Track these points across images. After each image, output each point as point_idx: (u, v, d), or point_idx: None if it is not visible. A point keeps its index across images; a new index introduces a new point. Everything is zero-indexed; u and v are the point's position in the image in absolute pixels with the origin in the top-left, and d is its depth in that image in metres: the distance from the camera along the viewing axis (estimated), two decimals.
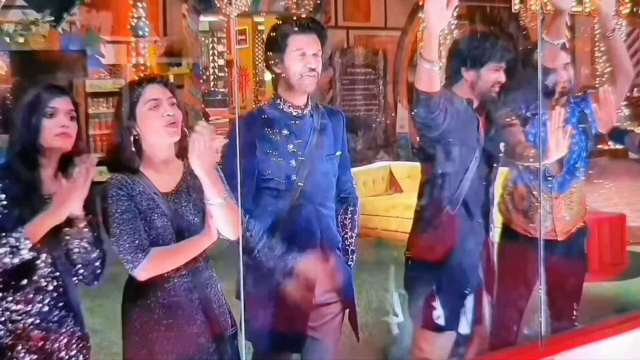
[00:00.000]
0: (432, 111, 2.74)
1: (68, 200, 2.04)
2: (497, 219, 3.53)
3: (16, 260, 2.01)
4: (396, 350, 3.63)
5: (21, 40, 8.41)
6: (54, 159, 2.18)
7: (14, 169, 2.12)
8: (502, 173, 3.63)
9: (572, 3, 3.16)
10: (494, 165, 3.11)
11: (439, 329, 3.06)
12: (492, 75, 2.98)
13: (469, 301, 3.05)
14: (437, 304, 3.02)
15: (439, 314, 3.02)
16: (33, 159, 2.15)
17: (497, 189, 3.62)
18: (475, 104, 3.03)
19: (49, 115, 2.14)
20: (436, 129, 2.83)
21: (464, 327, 3.06)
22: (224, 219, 2.24)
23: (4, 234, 2.00)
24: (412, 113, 2.83)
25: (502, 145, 3.11)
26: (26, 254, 2.01)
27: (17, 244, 1.99)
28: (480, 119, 3.04)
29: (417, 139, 3.08)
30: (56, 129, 2.14)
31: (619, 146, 3.51)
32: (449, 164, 2.98)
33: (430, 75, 2.65)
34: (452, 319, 3.03)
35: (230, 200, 2.26)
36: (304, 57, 2.57)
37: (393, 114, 11.62)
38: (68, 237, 2.14)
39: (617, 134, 3.28)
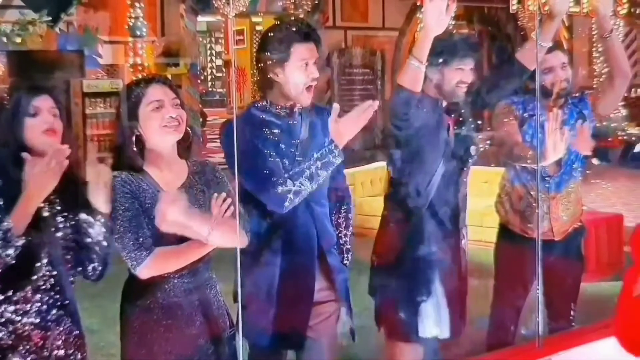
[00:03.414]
0: (409, 109, 2.76)
1: (38, 185, 2.01)
2: (489, 222, 3.54)
3: (11, 252, 1.99)
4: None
5: (18, 40, 8.40)
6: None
7: (3, 171, 2.12)
8: (499, 173, 3.64)
9: (568, 8, 3.13)
10: (464, 168, 3.08)
11: (406, 339, 3.03)
12: (455, 74, 2.95)
13: (430, 306, 3.01)
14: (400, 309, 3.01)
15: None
16: (21, 160, 2.14)
17: (494, 190, 3.64)
18: (444, 105, 3.01)
19: (32, 115, 2.13)
20: (407, 128, 2.84)
21: (427, 332, 3.03)
22: (222, 242, 2.25)
23: None
24: (390, 111, 2.84)
25: (473, 149, 3.08)
26: (17, 242, 1.99)
27: (6, 234, 1.98)
28: (449, 120, 3.02)
29: (383, 137, 3.07)
30: (42, 126, 2.13)
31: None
32: (415, 165, 2.97)
33: (417, 74, 2.69)
34: (410, 325, 3.01)
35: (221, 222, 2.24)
36: (307, 67, 2.57)
37: None
38: (87, 225, 2.14)
39: (601, 153, 3.24)
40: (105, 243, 2.18)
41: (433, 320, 3.03)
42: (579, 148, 3.25)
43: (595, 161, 3.18)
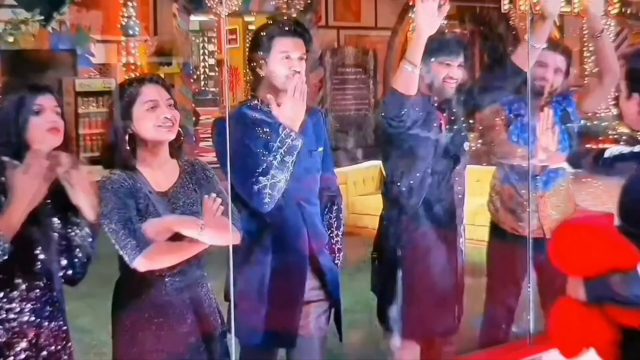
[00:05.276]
0: (402, 111, 2.76)
1: (25, 192, 2.01)
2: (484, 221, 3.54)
3: None
4: None
5: (11, 39, 8.37)
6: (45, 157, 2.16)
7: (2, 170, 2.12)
8: (491, 172, 3.65)
9: (559, 8, 3.14)
10: (456, 166, 3.09)
11: (403, 336, 3.04)
12: (441, 69, 2.95)
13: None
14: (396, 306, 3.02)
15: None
16: (21, 159, 2.13)
17: (485, 188, 3.65)
18: (436, 102, 3.02)
19: (36, 113, 2.14)
20: (400, 128, 2.85)
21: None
22: (215, 240, 2.27)
23: None
24: (382, 110, 2.84)
25: (466, 145, 3.10)
26: (5, 248, 1.99)
27: None
28: (441, 118, 3.03)
29: (375, 136, 3.07)
30: (47, 124, 2.13)
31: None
32: (407, 162, 2.98)
33: (410, 78, 2.69)
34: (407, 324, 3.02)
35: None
36: (288, 60, 2.57)
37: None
38: (73, 230, 2.16)
39: (574, 160, 3.20)
40: (89, 248, 2.19)
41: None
42: (551, 163, 3.24)
43: (570, 169, 3.13)
